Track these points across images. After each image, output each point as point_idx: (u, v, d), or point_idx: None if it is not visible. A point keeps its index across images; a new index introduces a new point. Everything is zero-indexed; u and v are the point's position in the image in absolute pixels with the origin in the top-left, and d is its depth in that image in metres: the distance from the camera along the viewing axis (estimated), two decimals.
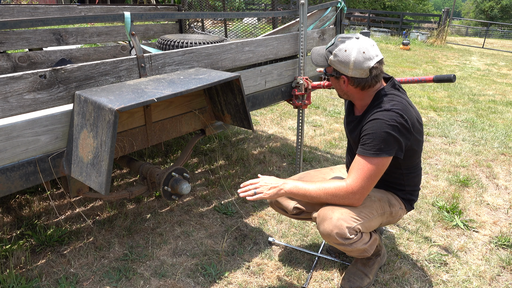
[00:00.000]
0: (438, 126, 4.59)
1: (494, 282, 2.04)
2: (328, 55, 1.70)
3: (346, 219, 1.63)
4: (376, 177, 1.63)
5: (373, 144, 1.59)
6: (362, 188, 1.62)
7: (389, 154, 1.60)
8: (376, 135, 1.59)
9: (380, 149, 1.58)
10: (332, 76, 1.74)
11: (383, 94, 1.68)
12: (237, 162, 3.38)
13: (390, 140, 1.58)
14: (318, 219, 1.71)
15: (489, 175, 3.33)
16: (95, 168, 1.56)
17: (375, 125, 1.60)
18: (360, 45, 1.60)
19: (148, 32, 3.87)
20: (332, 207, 1.68)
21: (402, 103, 1.64)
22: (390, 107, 1.62)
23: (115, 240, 2.26)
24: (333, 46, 1.67)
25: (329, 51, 1.69)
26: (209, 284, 1.95)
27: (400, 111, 1.60)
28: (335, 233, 1.62)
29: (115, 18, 1.85)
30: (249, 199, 1.65)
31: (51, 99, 1.56)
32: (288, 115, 4.82)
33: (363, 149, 1.63)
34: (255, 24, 3.97)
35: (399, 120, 1.58)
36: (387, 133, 1.57)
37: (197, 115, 2.25)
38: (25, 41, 3.09)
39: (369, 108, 1.71)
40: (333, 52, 1.65)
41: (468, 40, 19.72)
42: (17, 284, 1.86)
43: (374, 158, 1.60)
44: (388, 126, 1.57)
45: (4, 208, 2.56)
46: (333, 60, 1.67)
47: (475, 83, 7.66)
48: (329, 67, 1.73)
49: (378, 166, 1.61)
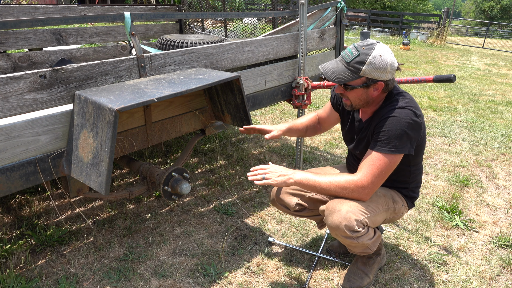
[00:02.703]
0: (438, 126, 4.59)
1: (494, 282, 2.04)
2: (357, 67, 1.60)
3: (354, 211, 1.64)
4: (387, 174, 1.66)
5: (388, 141, 1.62)
6: (372, 183, 1.64)
7: (402, 151, 1.63)
8: (391, 132, 1.61)
9: (395, 146, 1.61)
10: (361, 87, 1.65)
11: (395, 93, 1.72)
12: (237, 162, 3.38)
13: (404, 138, 1.61)
14: (326, 211, 1.72)
15: (489, 175, 3.33)
16: (95, 168, 1.56)
17: (391, 122, 1.62)
18: (386, 48, 1.62)
19: (148, 32, 3.87)
20: (341, 200, 1.69)
21: (414, 101, 1.69)
22: (404, 104, 1.65)
23: (115, 240, 2.26)
24: (361, 56, 1.58)
25: (357, 62, 1.59)
26: (209, 284, 1.95)
27: (414, 109, 1.64)
28: (344, 225, 1.63)
29: (115, 18, 1.85)
30: (257, 183, 1.67)
31: (51, 99, 1.56)
32: (288, 115, 4.82)
33: (377, 145, 1.65)
34: (255, 24, 3.97)
35: (414, 118, 1.62)
36: (403, 130, 1.60)
37: (197, 115, 2.25)
38: (25, 41, 3.09)
39: (380, 108, 1.73)
40: (367, 62, 1.58)
41: (468, 40, 19.72)
42: (17, 284, 1.86)
43: (388, 154, 1.62)
44: (404, 123, 1.61)
45: (4, 208, 2.56)
46: (367, 69, 1.59)
47: (475, 83, 7.66)
48: (358, 79, 1.63)
49: (390, 163, 1.63)
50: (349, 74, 1.62)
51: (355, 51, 1.61)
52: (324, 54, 3.07)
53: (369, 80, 1.62)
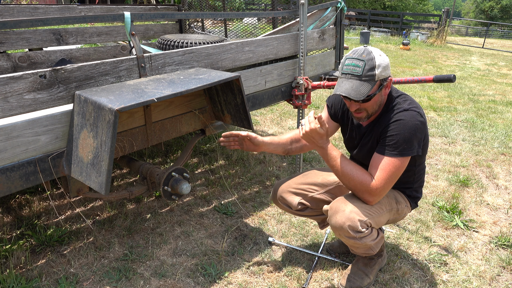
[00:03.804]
0: (438, 126, 4.59)
1: (494, 282, 2.04)
2: (370, 74, 1.58)
3: (358, 212, 1.65)
4: (397, 177, 1.66)
5: (397, 145, 1.62)
6: (383, 188, 1.64)
7: (412, 153, 1.63)
8: (400, 136, 1.61)
9: (404, 149, 1.62)
10: (377, 93, 1.63)
11: (395, 96, 1.72)
12: (237, 162, 3.38)
13: (412, 140, 1.62)
14: (330, 211, 1.72)
15: (489, 175, 3.33)
16: (95, 168, 1.56)
17: (398, 126, 1.62)
18: (374, 47, 1.66)
19: (148, 32, 3.87)
20: (345, 200, 1.70)
21: (414, 101, 1.71)
22: (408, 106, 1.66)
23: (115, 240, 2.26)
24: (368, 63, 1.58)
25: (369, 70, 1.58)
26: (209, 284, 1.95)
27: (417, 109, 1.66)
28: (348, 225, 1.63)
29: (115, 18, 1.85)
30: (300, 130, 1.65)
31: (51, 99, 1.56)
32: (288, 115, 4.82)
33: (386, 150, 1.64)
34: (255, 24, 3.97)
35: (420, 119, 1.64)
36: (411, 133, 1.61)
37: (197, 115, 2.25)
38: (25, 41, 3.09)
39: (383, 112, 1.72)
40: (376, 65, 1.58)
41: (468, 40, 19.72)
42: (17, 284, 1.86)
43: (398, 158, 1.62)
44: (412, 126, 1.61)
45: (4, 208, 2.56)
46: (379, 72, 1.59)
47: (475, 83, 7.66)
48: (375, 85, 1.61)
49: (400, 167, 1.64)
50: (368, 85, 1.59)
51: (359, 62, 1.59)
52: (324, 54, 3.07)
53: (383, 81, 1.63)
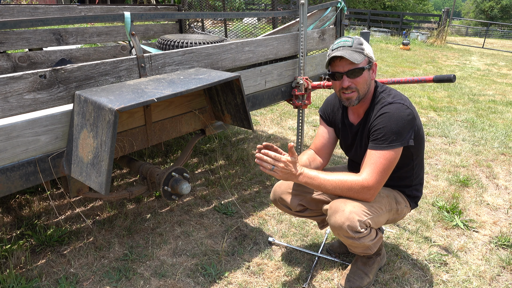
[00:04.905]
0: (438, 126, 4.59)
1: (494, 282, 2.04)
2: (360, 47, 1.71)
3: (358, 212, 1.65)
4: (390, 170, 1.68)
5: (385, 137, 1.65)
6: (377, 182, 1.66)
7: (401, 144, 1.66)
8: (387, 128, 1.65)
9: (393, 141, 1.65)
10: (366, 69, 1.72)
11: (379, 91, 1.79)
12: (237, 162, 3.38)
13: (400, 131, 1.65)
14: (329, 211, 1.72)
15: (489, 175, 3.33)
16: (95, 168, 1.56)
17: (384, 119, 1.67)
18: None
19: (148, 32, 3.87)
20: (345, 200, 1.70)
21: (399, 93, 1.77)
22: (391, 100, 1.72)
23: (115, 240, 2.26)
24: (356, 40, 1.72)
25: (358, 44, 1.71)
26: (209, 284, 1.95)
27: (401, 101, 1.71)
28: (347, 225, 1.64)
29: (115, 18, 1.85)
30: (262, 170, 1.65)
31: (51, 99, 1.56)
32: (288, 115, 4.82)
33: (375, 144, 1.68)
34: (255, 24, 3.97)
35: (405, 110, 1.67)
36: (397, 124, 1.65)
37: (197, 115, 2.25)
38: (25, 41, 3.09)
39: (370, 108, 1.79)
40: (363, 43, 1.72)
41: (468, 40, 19.72)
42: (17, 284, 1.86)
43: (387, 150, 1.65)
44: (397, 117, 1.65)
45: (4, 208, 2.56)
46: (366, 49, 1.72)
47: (475, 83, 7.66)
48: (364, 59, 1.71)
49: (391, 159, 1.66)
50: (360, 54, 1.69)
51: (348, 38, 1.72)
52: (324, 54, 3.07)
53: (370, 60, 1.73)
